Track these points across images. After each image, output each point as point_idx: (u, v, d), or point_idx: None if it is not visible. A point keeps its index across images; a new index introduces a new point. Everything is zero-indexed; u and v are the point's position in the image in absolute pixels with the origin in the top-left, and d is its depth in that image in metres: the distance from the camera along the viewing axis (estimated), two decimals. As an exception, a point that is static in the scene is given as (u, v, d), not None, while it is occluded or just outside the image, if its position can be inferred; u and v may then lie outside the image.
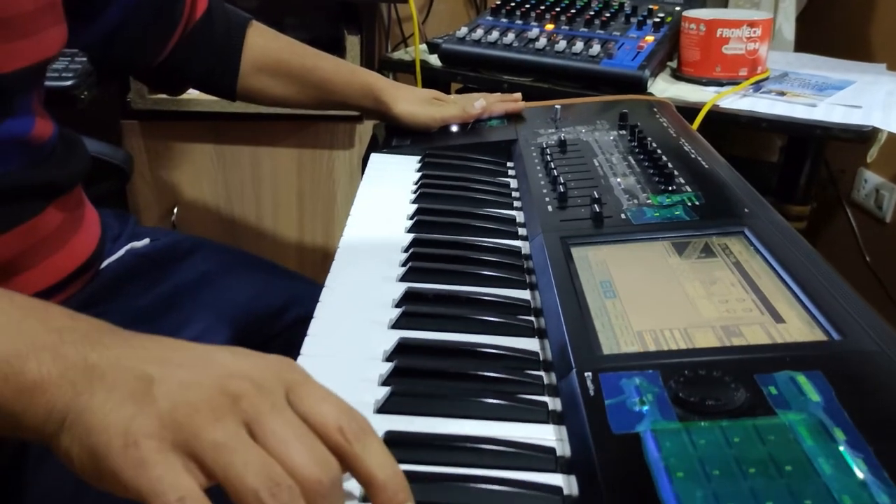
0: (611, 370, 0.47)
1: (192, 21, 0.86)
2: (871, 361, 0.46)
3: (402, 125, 0.93)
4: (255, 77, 0.90)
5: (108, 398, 0.37)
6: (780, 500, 0.36)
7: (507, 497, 0.40)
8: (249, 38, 0.90)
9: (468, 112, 0.94)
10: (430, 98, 0.95)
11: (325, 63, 0.92)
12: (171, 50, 0.85)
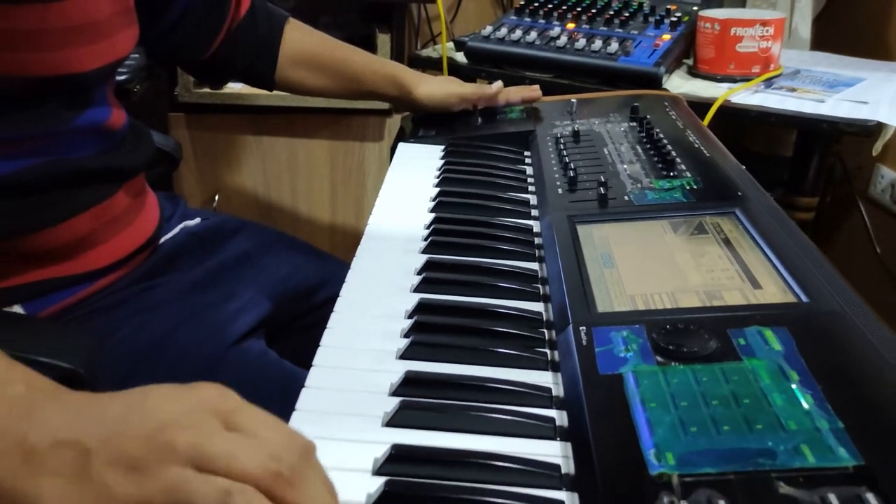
0: (603, 325, 0.54)
1: (237, 18, 0.94)
2: (832, 320, 0.52)
3: (423, 107, 1.01)
4: (292, 69, 0.98)
5: (55, 485, 0.38)
6: (735, 424, 0.43)
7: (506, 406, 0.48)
8: (287, 33, 0.98)
9: (484, 91, 1.01)
10: (447, 81, 1.03)
11: (355, 56, 1.00)
12: (218, 44, 0.93)
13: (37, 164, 0.67)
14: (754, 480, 0.39)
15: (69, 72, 0.66)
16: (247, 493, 0.36)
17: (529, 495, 0.42)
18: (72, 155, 0.70)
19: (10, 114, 0.64)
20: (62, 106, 0.68)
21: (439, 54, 1.45)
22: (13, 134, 0.65)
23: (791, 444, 0.41)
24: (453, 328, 0.57)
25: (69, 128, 0.69)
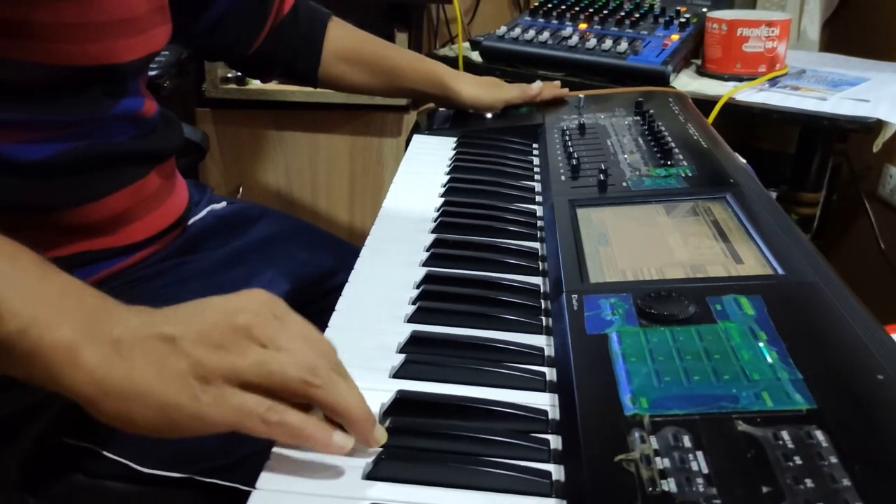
0: (593, 293, 0.58)
1: (281, 15, 0.99)
2: (804, 290, 0.57)
3: (467, 108, 1.05)
4: (335, 65, 1.03)
5: (147, 367, 0.43)
6: (704, 375, 0.47)
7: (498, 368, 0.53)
8: (330, 30, 1.02)
9: (526, 93, 1.06)
10: (492, 83, 1.07)
11: (395, 53, 1.05)
12: (262, 41, 0.98)
13: (78, 146, 0.73)
14: (717, 420, 0.43)
15: (108, 62, 0.72)
16: (322, 368, 0.44)
17: (520, 433, 0.47)
18: (109, 139, 0.76)
19: (54, 100, 0.70)
20: (101, 94, 0.74)
21: (456, 53, 1.50)
22: (57, 119, 0.71)
23: (753, 392, 0.45)
24: (457, 296, 0.62)
25: (107, 114, 0.75)
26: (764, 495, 0.38)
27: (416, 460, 0.45)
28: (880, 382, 0.45)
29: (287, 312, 0.48)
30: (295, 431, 0.44)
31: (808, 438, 0.41)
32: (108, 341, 0.44)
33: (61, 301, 0.46)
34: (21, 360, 0.44)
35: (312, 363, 0.45)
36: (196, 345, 0.44)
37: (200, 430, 0.44)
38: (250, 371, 0.44)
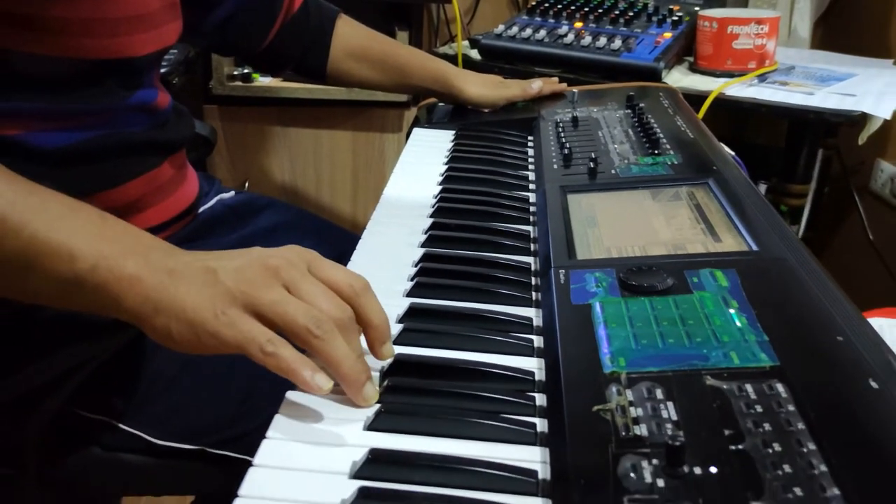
0: (580, 268, 0.63)
1: (291, 12, 1.03)
2: (776, 264, 0.61)
3: (471, 105, 1.10)
4: (343, 61, 1.07)
5: (189, 289, 0.51)
6: (678, 338, 0.52)
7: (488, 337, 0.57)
8: (339, 27, 1.06)
9: (527, 92, 1.10)
10: (496, 81, 1.11)
11: (402, 50, 1.09)
12: (273, 37, 1.02)
13: (95, 136, 0.77)
14: (687, 376, 0.47)
15: (123, 56, 0.76)
16: (327, 323, 0.50)
17: (509, 391, 0.51)
18: (125, 129, 0.80)
19: (72, 92, 0.74)
20: (117, 86, 0.78)
21: (455, 51, 1.55)
22: (75, 109, 0.75)
23: (722, 351, 0.49)
24: (453, 273, 0.66)
25: (123, 105, 0.79)
26: (725, 437, 0.42)
27: (412, 414, 0.49)
28: (839, 343, 0.49)
29: (321, 268, 0.54)
30: (284, 364, 0.49)
31: (770, 391, 0.45)
32: (164, 270, 0.53)
33: (123, 240, 0.55)
34: (91, 292, 0.53)
35: (320, 316, 0.50)
36: (229, 276, 0.51)
37: (215, 347, 0.51)
38: (266, 307, 0.50)
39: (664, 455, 0.40)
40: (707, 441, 0.42)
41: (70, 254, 0.53)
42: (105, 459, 0.75)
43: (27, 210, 0.54)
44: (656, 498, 0.38)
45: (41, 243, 0.53)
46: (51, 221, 0.54)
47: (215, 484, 0.79)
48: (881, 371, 0.46)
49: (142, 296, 0.52)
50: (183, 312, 0.51)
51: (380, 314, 0.54)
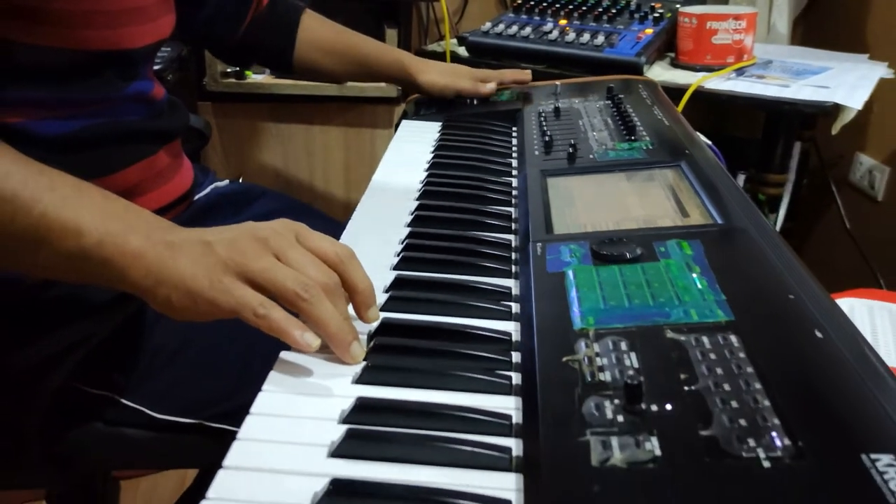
0: (556, 241, 0.67)
1: (260, 8, 1.08)
2: (738, 235, 0.65)
3: (424, 92, 1.15)
4: (309, 53, 1.12)
5: (187, 261, 0.56)
6: (643, 299, 0.56)
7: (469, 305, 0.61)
8: (304, 21, 1.12)
9: (479, 90, 1.15)
10: (449, 70, 1.16)
11: (364, 42, 1.14)
12: (244, 31, 1.07)
13: (94, 124, 0.80)
14: (649, 330, 0.51)
15: (121, 48, 0.80)
16: (313, 287, 0.54)
17: (487, 349, 0.55)
18: (123, 118, 0.84)
19: (73, 81, 0.78)
20: (116, 76, 0.81)
21: (443, 49, 1.59)
22: (76, 98, 0.79)
23: (682, 309, 0.54)
24: (437, 249, 0.70)
25: (121, 95, 0.83)
26: (681, 380, 0.46)
27: (397, 369, 0.53)
28: (790, 300, 0.54)
29: (308, 238, 0.59)
30: (275, 325, 0.54)
31: (724, 341, 0.49)
32: (163, 245, 0.57)
33: (126, 217, 0.59)
34: (98, 265, 0.57)
35: (307, 281, 0.54)
36: (223, 248, 0.56)
37: (212, 313, 0.55)
38: (257, 274, 0.55)
39: (624, 394, 0.44)
40: (664, 383, 0.46)
41: (77, 230, 0.57)
42: (107, 434, 0.78)
43: (38, 189, 0.58)
44: (616, 430, 0.42)
45: (51, 220, 0.57)
46: (59, 200, 0.58)
47: (213, 457, 0.82)
48: (826, 323, 0.50)
49: (144, 269, 0.57)
50: (182, 283, 0.56)
51: (364, 280, 0.58)
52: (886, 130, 1.77)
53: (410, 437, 0.45)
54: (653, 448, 0.40)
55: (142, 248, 0.57)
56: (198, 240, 0.57)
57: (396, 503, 0.41)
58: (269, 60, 1.14)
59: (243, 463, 0.45)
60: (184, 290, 0.55)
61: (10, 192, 0.57)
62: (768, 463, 0.39)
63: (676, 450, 0.40)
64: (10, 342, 0.74)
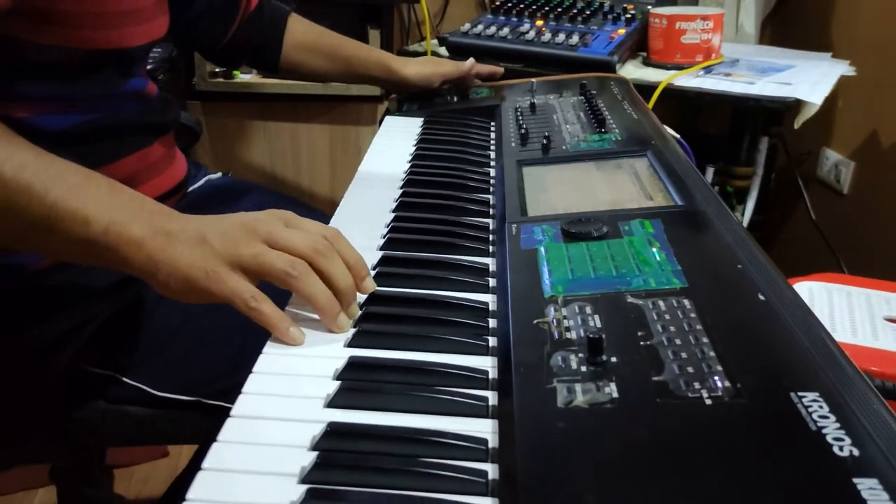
0: (529, 222, 0.72)
1: (248, 11, 1.13)
2: (696, 216, 0.71)
3: (411, 85, 1.20)
4: (295, 54, 1.18)
5: (183, 251, 0.61)
6: (607, 270, 0.61)
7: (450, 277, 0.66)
8: (290, 24, 1.17)
9: (459, 68, 1.21)
10: (431, 61, 1.23)
11: (348, 43, 1.20)
12: (233, 33, 1.12)
13: (93, 119, 0.85)
14: (612, 296, 0.57)
15: (119, 47, 0.85)
16: (300, 265, 0.59)
17: (466, 316, 0.60)
18: (119, 113, 0.88)
19: (74, 78, 0.82)
20: (114, 74, 0.86)
21: (425, 49, 1.64)
22: (77, 94, 0.83)
23: (642, 278, 0.59)
24: (421, 230, 0.76)
25: (118, 91, 0.88)
26: (638, 336, 0.52)
27: (384, 334, 0.58)
28: (739, 269, 0.59)
29: (297, 223, 0.64)
30: (265, 318, 0.59)
31: (677, 304, 0.55)
32: (163, 233, 0.61)
33: (130, 206, 0.63)
34: (103, 252, 0.62)
35: (294, 260, 0.60)
36: (216, 239, 0.61)
37: (208, 299, 0.60)
38: (247, 260, 0.60)
39: (587, 348, 0.50)
40: (623, 340, 0.51)
41: (85, 219, 0.62)
42: (110, 411, 0.83)
43: (49, 179, 0.63)
44: (579, 378, 0.48)
45: (61, 209, 0.62)
46: (69, 190, 0.63)
47: (211, 433, 0.87)
48: (770, 288, 0.56)
49: (145, 256, 0.61)
50: (179, 271, 0.61)
51: (355, 254, 0.64)
52: (851, 127, 1.85)
53: (398, 390, 0.51)
54: (611, 391, 0.46)
55: (143, 236, 0.61)
56: (193, 231, 0.62)
57: (387, 442, 0.46)
58: (257, 61, 1.19)
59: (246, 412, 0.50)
60: (182, 277, 0.60)
61: (26, 183, 0.62)
62: (710, 401, 0.44)
63: (632, 392, 0.46)
64: (18, 325, 0.79)
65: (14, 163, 0.62)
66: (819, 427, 0.41)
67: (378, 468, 0.43)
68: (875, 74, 1.70)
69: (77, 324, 0.81)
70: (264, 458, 0.45)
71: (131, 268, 0.62)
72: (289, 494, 0.42)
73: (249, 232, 0.61)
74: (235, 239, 0.60)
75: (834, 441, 0.40)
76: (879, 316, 1.06)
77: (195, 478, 0.44)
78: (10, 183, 0.61)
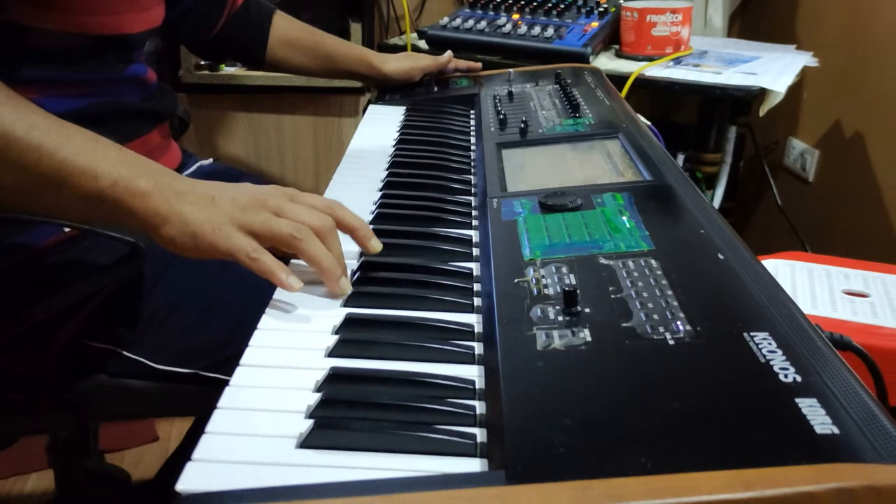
0: (509, 197, 0.77)
1: (234, 8, 1.17)
2: (663, 189, 0.76)
3: (391, 80, 1.25)
4: (280, 50, 1.22)
5: (192, 208, 0.65)
6: (582, 236, 0.67)
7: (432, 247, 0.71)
8: (275, 21, 1.22)
9: (437, 61, 1.27)
10: (409, 56, 1.29)
11: (330, 40, 1.25)
12: (219, 28, 1.16)
13: (95, 102, 0.89)
14: (585, 258, 0.62)
15: (120, 33, 0.89)
16: (305, 230, 0.64)
17: (453, 286, 0.66)
18: (121, 98, 0.92)
19: (77, 63, 0.86)
20: (115, 59, 0.90)
21: (405, 42, 1.69)
22: (80, 79, 0.87)
23: (613, 242, 0.65)
24: (408, 206, 0.81)
25: (119, 77, 0.92)
26: (609, 290, 0.57)
27: (378, 296, 0.63)
28: (701, 234, 0.65)
29: (302, 198, 0.69)
30: (266, 267, 0.63)
31: (645, 264, 0.61)
32: (170, 190, 0.66)
33: (136, 163, 0.67)
34: (112, 204, 0.66)
35: (300, 226, 0.65)
36: (226, 202, 0.66)
37: (211, 254, 0.65)
38: (256, 225, 0.65)
39: (563, 300, 0.55)
40: (595, 294, 0.57)
41: (94, 173, 0.66)
42: (111, 384, 0.87)
43: (59, 138, 0.67)
44: (556, 325, 0.53)
45: (71, 165, 0.66)
46: (78, 148, 0.67)
47: (208, 405, 0.92)
48: (728, 249, 0.62)
49: (152, 209, 0.66)
50: (186, 226, 0.65)
51: (358, 219, 0.69)
52: (816, 117, 1.92)
53: (392, 340, 0.56)
54: (585, 336, 0.51)
55: (150, 190, 0.66)
56: (203, 192, 0.67)
57: (384, 384, 0.51)
58: (242, 57, 1.24)
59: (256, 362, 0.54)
60: (189, 232, 0.65)
61: (37, 141, 0.66)
62: (673, 342, 0.50)
63: (603, 336, 0.51)
64: (24, 300, 0.82)
65: (25, 123, 0.66)
66: (768, 360, 0.47)
67: (377, 404, 0.48)
68: (838, 67, 1.77)
69: (79, 300, 0.84)
70: (275, 399, 0.50)
71: (137, 220, 0.66)
72: (297, 427, 0.47)
73: (258, 201, 0.66)
74: (244, 205, 0.65)
75: (780, 370, 0.46)
76: (838, 289, 1.13)
77: (212, 415, 0.48)
78: (22, 141, 0.65)
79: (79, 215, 0.71)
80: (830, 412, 0.42)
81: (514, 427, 0.43)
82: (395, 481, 0.40)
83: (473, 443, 0.45)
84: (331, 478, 0.42)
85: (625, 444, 0.41)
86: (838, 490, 0.36)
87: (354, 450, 0.45)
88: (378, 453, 0.45)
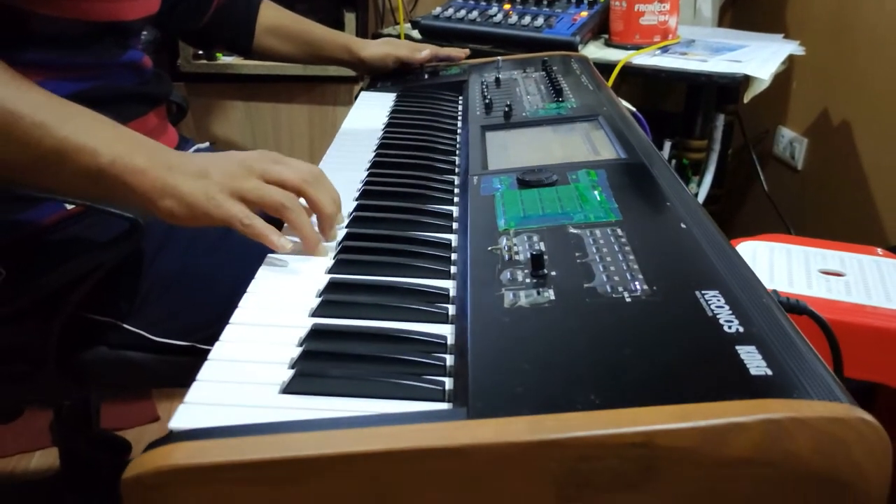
0: (489, 175, 0.81)
1: None
2: (636, 167, 0.80)
3: (367, 64, 1.30)
4: (266, 38, 1.27)
5: (186, 180, 0.69)
6: (554, 209, 0.70)
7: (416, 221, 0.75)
8: (262, 10, 1.27)
9: (415, 55, 1.31)
10: (389, 42, 1.33)
11: (315, 28, 1.29)
12: (209, 18, 1.21)
13: (94, 86, 0.93)
14: (556, 228, 0.66)
15: (117, 19, 0.92)
16: (294, 200, 0.69)
17: (431, 254, 0.69)
18: (118, 83, 0.96)
19: (77, 48, 0.90)
20: (112, 45, 0.94)
21: (398, 32, 1.73)
22: (79, 63, 0.91)
23: (583, 214, 0.69)
24: (394, 184, 0.85)
25: (116, 62, 0.95)
26: (575, 256, 0.61)
27: (360, 263, 0.67)
28: (668, 206, 0.69)
29: (286, 161, 0.74)
30: (258, 231, 0.68)
31: (612, 233, 0.64)
32: (165, 165, 0.70)
33: (133, 140, 0.71)
34: (110, 180, 0.70)
35: (290, 195, 0.69)
36: (217, 173, 0.70)
37: (207, 222, 0.69)
38: (248, 192, 0.69)
39: (530, 263, 0.59)
40: (562, 258, 0.60)
41: (94, 151, 0.70)
42: (112, 356, 0.91)
43: (60, 117, 0.71)
44: (523, 286, 0.57)
45: (72, 142, 0.70)
46: (79, 126, 0.71)
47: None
48: (692, 219, 0.65)
49: (149, 184, 0.70)
50: (182, 197, 0.69)
51: (329, 205, 0.73)
52: (805, 106, 1.95)
53: (370, 303, 0.60)
54: (549, 295, 0.55)
55: (146, 166, 0.70)
56: (196, 166, 0.71)
57: (362, 340, 0.55)
58: (231, 46, 1.29)
59: (244, 320, 0.58)
60: (185, 203, 0.69)
61: (41, 119, 0.70)
62: (630, 299, 0.54)
63: (566, 295, 0.55)
64: (28, 275, 0.86)
65: (29, 101, 0.70)
66: (715, 314, 0.51)
67: (355, 355, 0.52)
68: (827, 56, 1.81)
69: (81, 274, 0.88)
70: (261, 352, 0.54)
71: (135, 195, 0.70)
72: (281, 376, 0.51)
73: (247, 168, 0.70)
74: (234, 173, 0.70)
75: (725, 322, 0.50)
76: (815, 269, 1.16)
77: (203, 365, 0.52)
78: (26, 118, 0.69)
79: (80, 192, 0.75)
80: (766, 357, 0.46)
81: (477, 372, 0.47)
82: (366, 418, 0.44)
83: (442, 389, 0.49)
84: (310, 418, 0.46)
85: (576, 385, 0.44)
86: (766, 421, 0.40)
87: (333, 395, 0.49)
88: (354, 398, 0.48)
